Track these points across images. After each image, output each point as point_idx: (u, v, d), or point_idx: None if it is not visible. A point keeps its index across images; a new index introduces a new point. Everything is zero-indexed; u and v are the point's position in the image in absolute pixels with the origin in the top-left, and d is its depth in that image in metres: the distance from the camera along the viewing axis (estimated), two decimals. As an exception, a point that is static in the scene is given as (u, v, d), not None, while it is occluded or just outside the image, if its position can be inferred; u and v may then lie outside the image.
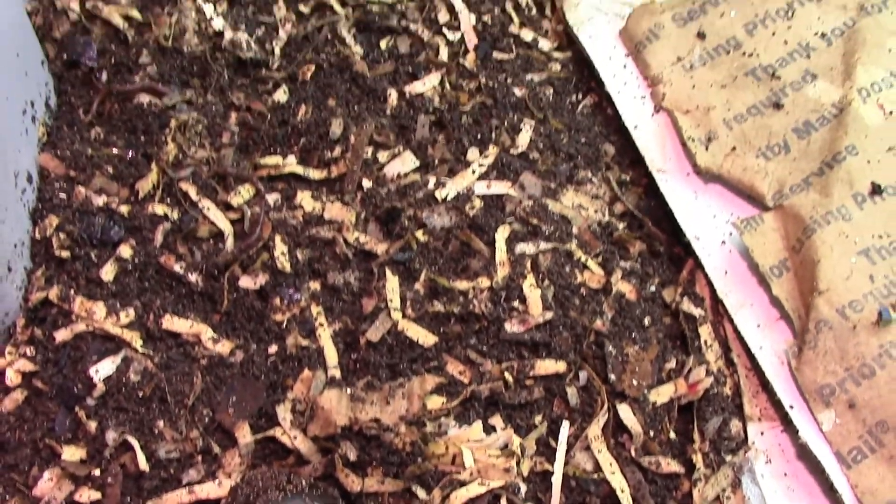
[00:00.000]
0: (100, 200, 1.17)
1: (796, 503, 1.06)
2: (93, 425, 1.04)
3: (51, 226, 1.15)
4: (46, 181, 1.19)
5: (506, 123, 1.33)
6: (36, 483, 1.02)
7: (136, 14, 1.33)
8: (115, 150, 1.23)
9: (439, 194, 1.24)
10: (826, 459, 1.06)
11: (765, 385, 1.14)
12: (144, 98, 1.27)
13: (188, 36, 1.32)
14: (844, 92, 1.28)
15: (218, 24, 1.34)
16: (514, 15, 1.47)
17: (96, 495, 1.02)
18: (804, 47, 1.34)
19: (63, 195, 1.18)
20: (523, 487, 1.05)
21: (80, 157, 1.21)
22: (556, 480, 1.06)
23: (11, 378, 1.06)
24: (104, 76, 1.28)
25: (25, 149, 1.17)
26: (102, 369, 1.07)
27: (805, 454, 1.09)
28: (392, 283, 1.16)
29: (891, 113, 1.27)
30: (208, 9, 1.35)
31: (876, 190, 1.20)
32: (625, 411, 1.11)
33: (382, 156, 1.28)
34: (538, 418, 1.10)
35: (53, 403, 1.06)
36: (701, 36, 1.37)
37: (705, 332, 1.18)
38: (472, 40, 1.42)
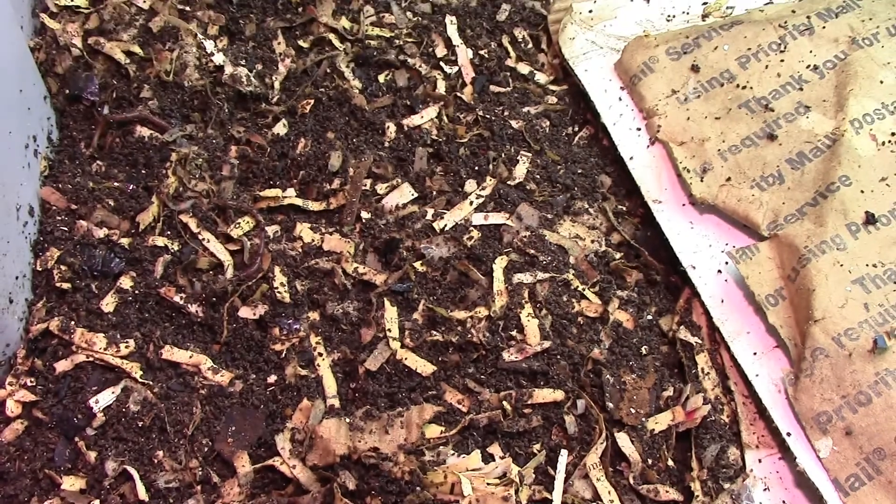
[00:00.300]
0: (101, 233, 1.19)
1: (795, 531, 1.07)
2: (92, 455, 1.04)
3: (52, 258, 1.16)
4: (48, 214, 1.20)
5: (503, 155, 1.35)
6: (35, 514, 1.02)
7: (137, 50, 1.35)
8: (116, 184, 1.25)
9: (437, 225, 1.25)
10: (824, 486, 1.07)
11: (762, 412, 1.14)
12: (145, 132, 1.29)
13: (189, 71, 1.34)
14: (837, 123, 1.30)
15: (218, 59, 1.36)
16: (510, 49, 1.49)
17: (95, 526, 1.02)
18: (797, 80, 1.36)
19: (64, 228, 1.19)
20: (522, 516, 1.05)
21: (81, 190, 1.23)
22: (555, 509, 1.06)
23: (12, 408, 1.07)
24: (106, 110, 1.30)
25: (27, 182, 1.19)
26: (102, 399, 1.07)
27: (803, 481, 1.09)
28: (391, 312, 1.17)
29: (883, 143, 1.28)
30: (209, 44, 1.37)
31: (870, 219, 1.21)
32: (623, 439, 1.11)
33: (381, 188, 1.30)
34: (536, 447, 1.10)
35: (53, 434, 1.06)
36: (695, 69, 1.39)
37: (702, 360, 1.19)
38: (469, 74, 1.44)
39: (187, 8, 1.41)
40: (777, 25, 1.40)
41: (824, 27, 1.40)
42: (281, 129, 1.33)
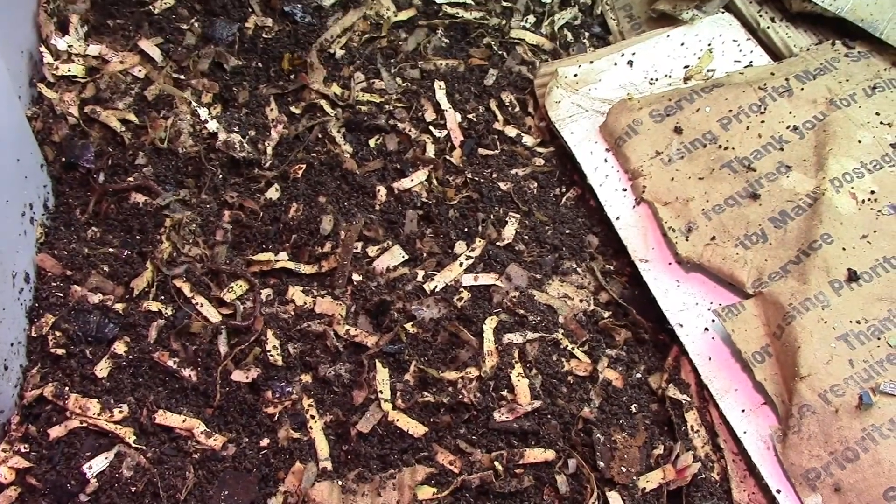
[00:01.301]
0: (95, 298, 1.20)
1: (787, 589, 1.07)
2: (85, 522, 1.05)
3: (47, 324, 1.17)
4: (43, 280, 1.22)
5: (492, 217, 1.37)
6: (27, 582, 1.02)
7: (132, 118, 1.37)
8: (110, 249, 1.26)
9: (428, 287, 1.27)
10: (815, 544, 1.07)
11: (752, 469, 1.15)
12: (140, 198, 1.31)
13: (183, 138, 1.37)
14: (818, 182, 1.33)
15: (212, 126, 1.39)
16: (498, 113, 1.52)
17: None
18: (777, 140, 1.39)
19: (59, 294, 1.20)
20: (515, 578, 1.05)
21: (76, 256, 1.24)
22: (548, 570, 1.06)
23: (5, 475, 1.07)
24: (101, 177, 1.32)
25: (23, 249, 1.20)
26: (96, 465, 1.08)
27: (794, 539, 1.10)
28: (382, 374, 1.18)
29: (863, 202, 1.31)
30: (203, 112, 1.40)
31: (852, 276, 1.23)
32: (614, 498, 1.11)
33: (372, 250, 1.32)
34: (528, 507, 1.11)
35: (47, 500, 1.06)
36: (678, 131, 1.42)
37: (692, 417, 1.20)
38: (457, 137, 1.47)
39: (182, 76, 1.44)
40: (757, 87, 1.44)
41: (803, 89, 1.44)
42: (273, 193, 1.36)
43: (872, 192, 1.32)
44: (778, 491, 1.12)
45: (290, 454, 1.12)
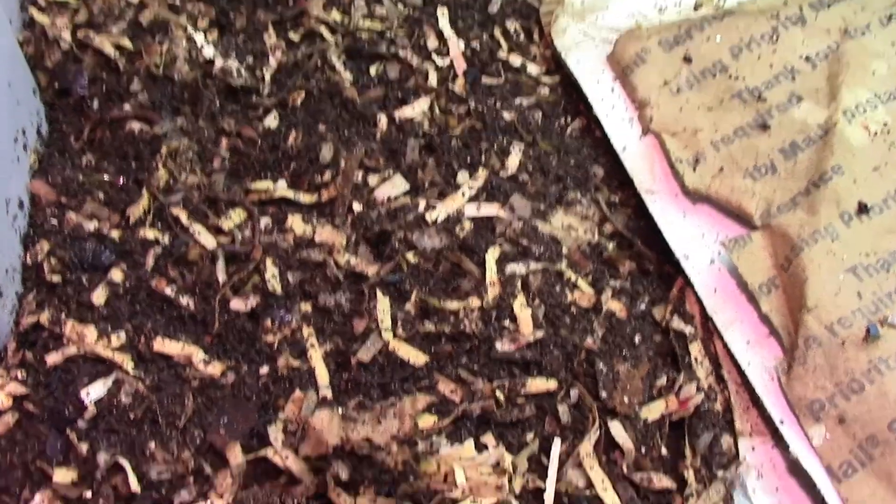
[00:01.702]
0: (91, 226, 1.18)
1: (789, 519, 1.06)
2: (84, 447, 1.04)
3: (42, 251, 1.15)
4: (38, 207, 1.20)
5: (495, 147, 1.35)
6: (27, 506, 1.01)
7: (126, 43, 1.34)
8: (106, 177, 1.24)
9: (429, 217, 1.25)
10: (817, 474, 1.06)
11: (755, 401, 1.14)
12: (135, 125, 1.28)
13: (179, 64, 1.34)
14: (830, 113, 1.30)
15: (209, 52, 1.35)
16: (502, 41, 1.49)
17: (87, 517, 1.02)
18: (789, 70, 1.36)
19: (54, 221, 1.18)
20: (516, 505, 1.05)
21: (71, 183, 1.22)
22: (549, 498, 1.06)
23: (3, 401, 1.06)
24: (95, 104, 1.29)
25: (17, 176, 1.18)
26: (94, 392, 1.07)
27: (796, 469, 1.09)
28: (383, 303, 1.16)
29: (875, 133, 1.28)
30: (199, 37, 1.36)
31: (863, 209, 1.21)
32: (616, 428, 1.11)
33: (372, 179, 1.29)
34: (530, 436, 1.10)
35: (45, 426, 1.06)
36: (687, 60, 1.39)
37: (695, 349, 1.19)
38: (461, 66, 1.44)
39: (177, 1, 1.40)
40: (769, 16, 1.40)
41: (816, 18, 1.40)
42: (272, 121, 1.33)
43: (885, 124, 1.29)
44: (781, 422, 1.11)
45: (290, 382, 1.11)
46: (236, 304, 1.15)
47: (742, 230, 1.26)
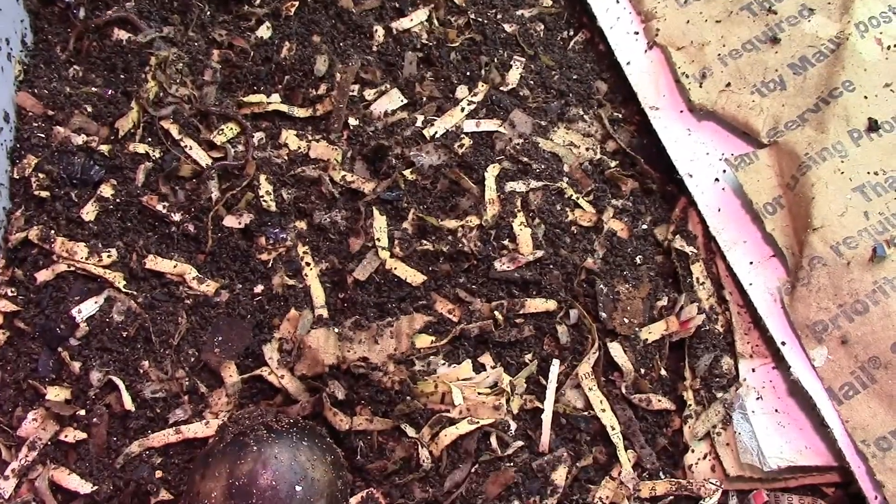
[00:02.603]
0: (79, 139, 1.15)
1: (787, 439, 1.06)
2: (77, 366, 1.03)
3: (29, 165, 1.12)
4: (24, 120, 1.16)
5: (495, 60, 1.30)
6: (20, 424, 1.01)
7: (113, -52, 1.29)
8: (93, 89, 1.20)
9: (427, 132, 1.22)
10: (817, 395, 1.06)
11: (757, 322, 1.13)
12: (123, 35, 1.24)
13: (168, -30, 1.29)
14: (842, 27, 1.26)
15: (198, -42, 1.30)
16: (503, -51, 1.43)
17: (82, 435, 1.01)
18: (801, -19, 1.30)
19: (41, 134, 1.15)
20: (513, 425, 1.04)
21: (58, 95, 1.18)
22: (546, 418, 1.05)
23: (-7, 319, 1.05)
24: (81, 13, 1.25)
25: (2, 87, 1.14)
26: (85, 310, 1.05)
27: (796, 390, 1.08)
28: (379, 222, 1.14)
29: (889, 48, 1.24)
30: (188, -58, 1.31)
31: (873, 126, 1.18)
32: (615, 349, 1.09)
33: (369, 93, 1.25)
34: (528, 357, 1.09)
35: (36, 344, 1.04)
36: (695, -31, 1.33)
37: (697, 269, 1.17)
38: (460, -26, 1.38)
39: None
40: (782, -76, 1.34)
41: (831, -74, 1.34)
42: (264, 32, 1.28)
43: (899, 38, 1.25)
44: (783, 343, 1.09)
45: (285, 301, 1.10)
46: (230, 221, 1.13)
47: (748, 148, 1.22)
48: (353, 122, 1.22)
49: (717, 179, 1.21)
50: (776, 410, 1.08)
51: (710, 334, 1.13)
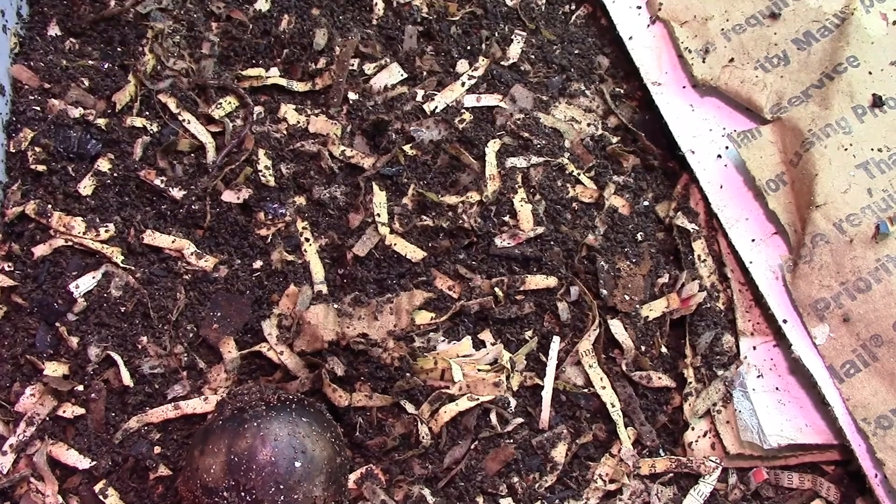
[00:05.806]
0: (76, 113, 1.13)
1: (787, 417, 1.06)
2: (74, 341, 1.02)
3: (26, 139, 1.11)
4: (20, 93, 1.15)
5: (496, 34, 1.29)
6: (18, 399, 1.00)
7: (110, -82, 1.27)
8: (90, 62, 1.19)
9: (427, 107, 1.20)
10: (818, 373, 1.05)
11: (758, 300, 1.12)
12: (119, 6, 1.22)
13: (165, -59, 1.27)
14: (846, 1, 1.24)
15: (196, -71, 1.28)
16: (505, -79, 1.41)
17: (80, 411, 1.01)
18: (806, -46, 1.29)
19: (37, 108, 1.14)
20: (513, 402, 1.04)
21: (54, 68, 1.17)
22: (546, 395, 1.05)
23: (-10, 294, 1.04)
24: (78, -16, 1.23)
25: (-3, 59, 1.13)
26: (83, 285, 1.04)
27: (797, 368, 1.08)
28: (379, 197, 1.13)
29: (894, 23, 1.23)
30: (186, -87, 1.29)
31: (877, 102, 1.17)
32: (616, 326, 1.09)
33: (368, 67, 1.24)
34: (528, 333, 1.09)
35: (34, 319, 1.04)
36: (699, -57, 1.32)
37: (699, 246, 1.16)
38: (461, -53, 1.36)
39: None
40: None
41: None
42: (263, 4, 1.26)
43: (905, 13, 1.23)
44: (784, 321, 1.09)
45: (285, 277, 1.09)
46: (228, 195, 1.12)
47: (751, 124, 1.22)
48: (352, 96, 1.21)
49: (719, 156, 1.21)
50: (777, 388, 1.07)
51: (711, 312, 1.12)
